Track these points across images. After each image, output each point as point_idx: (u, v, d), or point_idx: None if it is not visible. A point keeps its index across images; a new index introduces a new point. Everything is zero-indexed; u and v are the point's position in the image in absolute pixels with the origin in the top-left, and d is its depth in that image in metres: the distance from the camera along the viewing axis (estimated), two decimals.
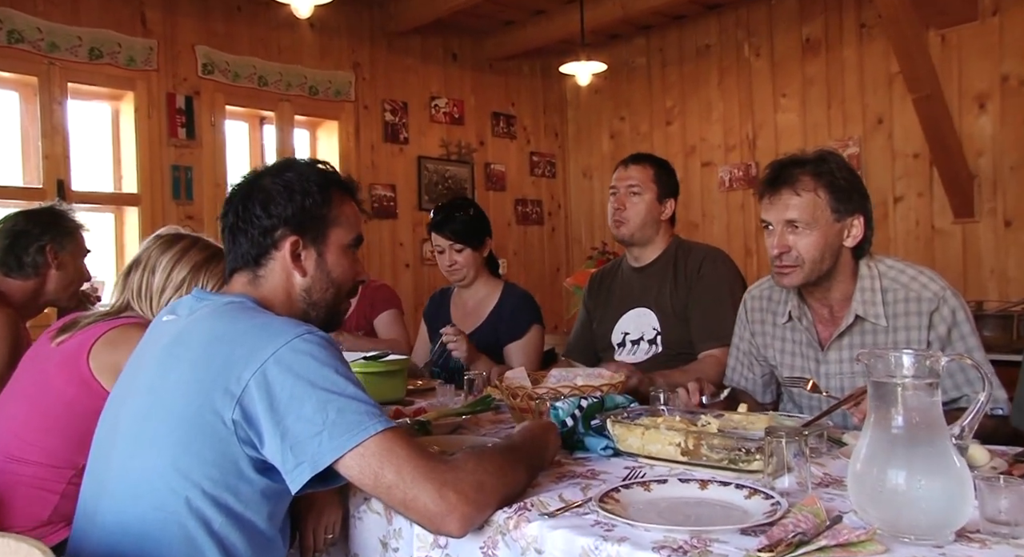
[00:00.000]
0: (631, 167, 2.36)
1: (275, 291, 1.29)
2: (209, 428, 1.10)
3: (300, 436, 1.07)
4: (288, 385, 1.09)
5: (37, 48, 3.95)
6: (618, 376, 1.74)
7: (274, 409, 1.08)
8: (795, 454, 1.14)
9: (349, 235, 1.33)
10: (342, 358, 1.16)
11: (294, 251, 1.28)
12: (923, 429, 0.94)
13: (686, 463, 1.33)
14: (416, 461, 1.08)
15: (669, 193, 2.37)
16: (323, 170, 1.33)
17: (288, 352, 1.11)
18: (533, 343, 2.49)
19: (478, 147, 5.80)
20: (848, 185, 1.69)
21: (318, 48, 4.99)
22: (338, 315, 1.36)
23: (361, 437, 1.07)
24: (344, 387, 1.10)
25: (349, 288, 1.35)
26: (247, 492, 1.13)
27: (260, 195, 1.28)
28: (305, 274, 1.29)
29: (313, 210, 1.28)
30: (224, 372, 1.10)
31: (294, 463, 1.08)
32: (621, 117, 5.94)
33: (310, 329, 1.16)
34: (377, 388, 2.00)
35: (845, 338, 1.74)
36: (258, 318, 1.19)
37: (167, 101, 4.36)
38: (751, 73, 5.25)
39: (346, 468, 1.08)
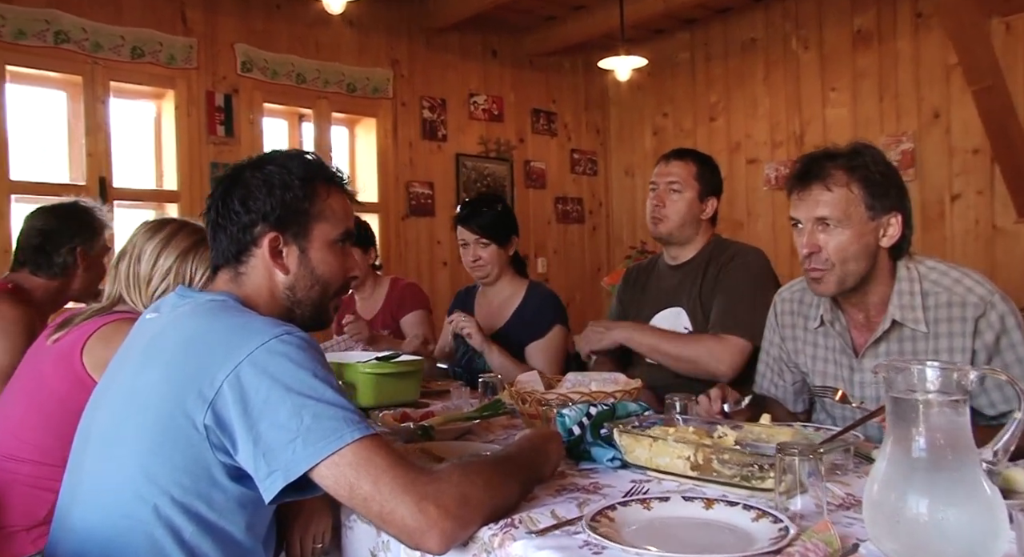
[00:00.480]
0: (672, 163, 2.26)
1: (258, 289, 1.24)
2: (180, 432, 1.05)
3: (273, 443, 1.02)
4: (263, 389, 1.03)
5: (82, 48, 4.01)
6: (633, 382, 1.65)
7: (247, 414, 1.03)
8: (810, 473, 1.04)
9: (335, 230, 1.26)
10: (322, 360, 1.10)
11: (274, 248, 1.23)
12: (948, 452, 0.84)
13: (696, 478, 1.23)
14: (395, 472, 1.02)
15: (711, 191, 2.26)
16: (307, 162, 1.26)
17: (264, 354, 1.05)
18: (554, 344, 2.40)
19: (517, 144, 5.72)
20: (884, 180, 1.56)
21: (356, 45, 4.98)
22: (325, 313, 1.30)
23: (336, 445, 1.01)
24: (321, 392, 1.04)
25: (338, 286, 1.29)
26: (221, 500, 1.08)
27: (239, 190, 1.23)
28: (287, 272, 1.24)
29: (294, 205, 1.22)
30: (197, 374, 1.06)
31: (267, 471, 1.02)
32: (664, 113, 5.80)
33: (289, 330, 1.10)
34: (390, 389, 1.95)
35: (882, 345, 1.62)
36: (236, 318, 1.14)
37: (206, 99, 4.39)
38: (799, 67, 5.07)
39: (321, 477, 1.02)
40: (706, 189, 2.24)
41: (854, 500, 1.15)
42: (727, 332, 2.08)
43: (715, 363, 2.07)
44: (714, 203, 2.26)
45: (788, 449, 1.04)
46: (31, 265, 2.08)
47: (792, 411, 1.86)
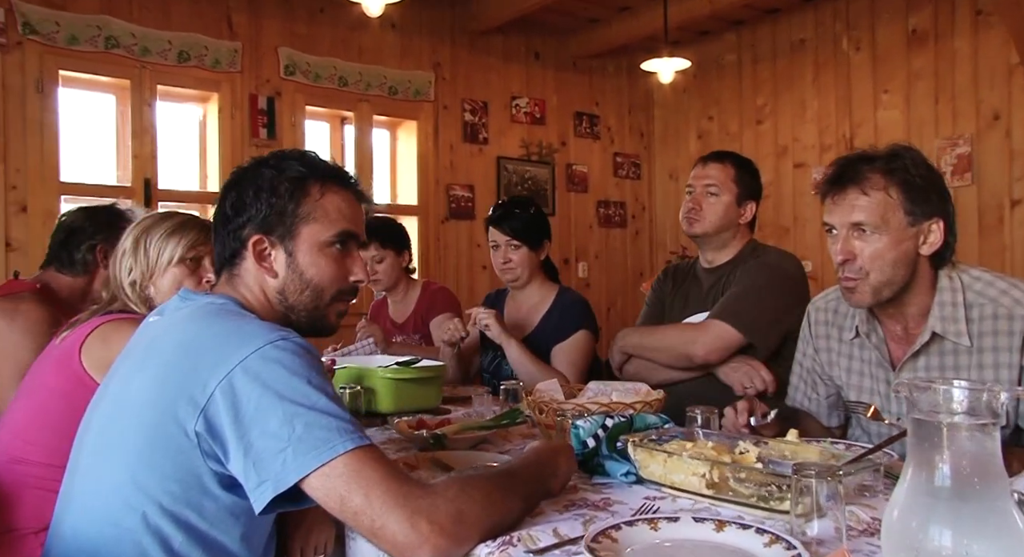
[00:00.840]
0: (710, 165, 2.19)
1: (252, 292, 1.23)
2: (171, 439, 1.03)
3: (264, 452, 0.99)
4: (255, 396, 1.00)
5: (131, 53, 4.10)
6: (655, 394, 1.58)
7: (239, 421, 1.00)
8: (828, 496, 0.97)
9: (327, 231, 1.22)
10: (318, 367, 1.07)
11: (259, 251, 1.21)
12: (976, 480, 0.77)
13: (711, 497, 1.17)
14: (388, 484, 0.98)
15: (750, 195, 2.19)
16: (304, 161, 1.24)
17: (257, 360, 1.02)
18: (579, 348, 2.34)
19: (560, 147, 5.67)
20: (925, 184, 1.47)
21: (399, 48, 4.99)
22: (323, 319, 1.26)
23: (328, 456, 0.98)
24: (315, 400, 1.01)
25: (335, 290, 1.24)
26: (212, 509, 1.05)
27: (233, 192, 1.23)
28: (275, 275, 1.22)
29: (279, 206, 1.20)
30: (190, 380, 1.04)
31: (257, 481, 1.00)
32: (709, 116, 5.68)
33: (285, 335, 1.07)
34: (410, 395, 1.93)
35: (921, 358, 1.53)
36: (231, 322, 1.12)
37: (249, 102, 4.45)
38: (850, 68, 4.91)
39: (311, 489, 0.99)
40: (744, 193, 2.17)
41: (880, 525, 1.07)
42: (715, 318, 2.02)
43: (687, 345, 2.01)
44: (752, 207, 2.18)
45: (805, 470, 0.97)
46: (56, 262, 2.11)
47: (827, 426, 1.78)
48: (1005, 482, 0.78)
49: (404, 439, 1.64)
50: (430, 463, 1.39)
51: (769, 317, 1.99)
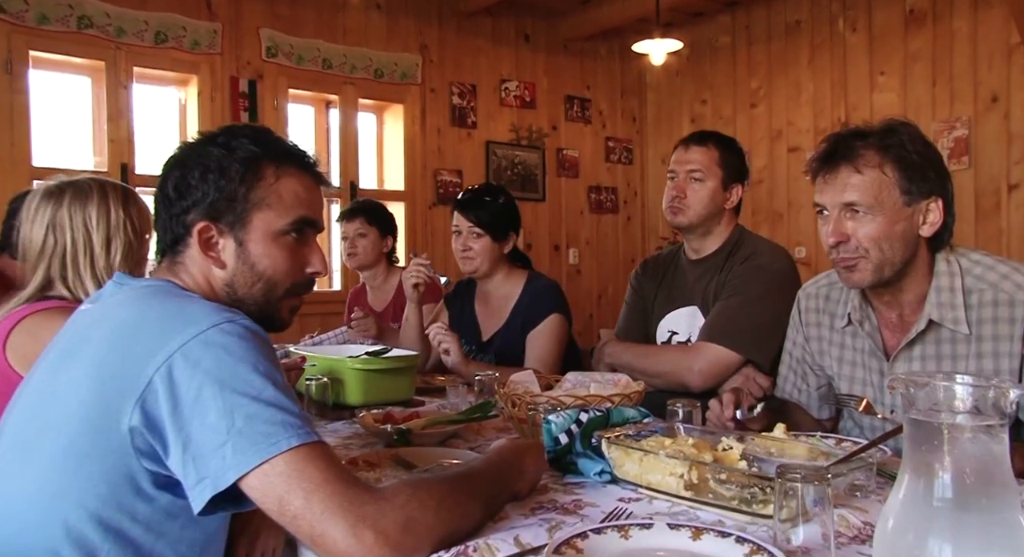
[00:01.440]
0: (692, 149, 2.06)
1: (196, 282, 1.12)
2: (99, 436, 0.93)
3: (203, 447, 0.90)
4: (195, 384, 0.91)
5: (105, 33, 3.97)
6: (635, 385, 1.49)
7: (178, 413, 0.91)
8: (815, 501, 0.88)
9: (283, 219, 1.10)
10: (268, 353, 0.97)
11: (205, 239, 1.09)
12: (980, 488, 0.68)
13: (690, 500, 1.08)
14: (331, 487, 0.89)
15: (736, 178, 2.07)
16: (257, 139, 1.12)
17: (198, 344, 0.93)
18: (551, 333, 2.24)
19: (550, 132, 5.56)
20: (923, 160, 1.38)
21: (385, 30, 4.87)
22: (276, 315, 1.15)
23: (269, 453, 0.89)
24: (260, 389, 0.92)
25: (289, 283, 1.14)
26: (146, 513, 0.96)
27: (176, 172, 1.11)
28: (223, 266, 1.11)
29: (229, 190, 1.08)
30: (125, 368, 0.94)
31: (196, 479, 0.90)
32: (703, 100, 5.57)
33: (232, 317, 0.97)
34: (380, 386, 1.83)
35: (916, 347, 1.44)
36: (171, 303, 1.02)
37: (230, 85, 4.33)
38: (846, 50, 4.80)
39: (249, 488, 0.90)
40: (730, 176, 2.05)
41: (872, 531, 0.98)
42: (710, 340, 1.91)
43: (683, 373, 1.90)
44: (739, 190, 2.07)
45: (789, 472, 0.88)
46: (8, 248, 2.00)
47: (817, 418, 1.69)
48: (1014, 491, 0.69)
49: (370, 434, 1.55)
50: (392, 461, 1.30)
51: (766, 328, 1.86)
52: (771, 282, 1.92)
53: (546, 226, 5.54)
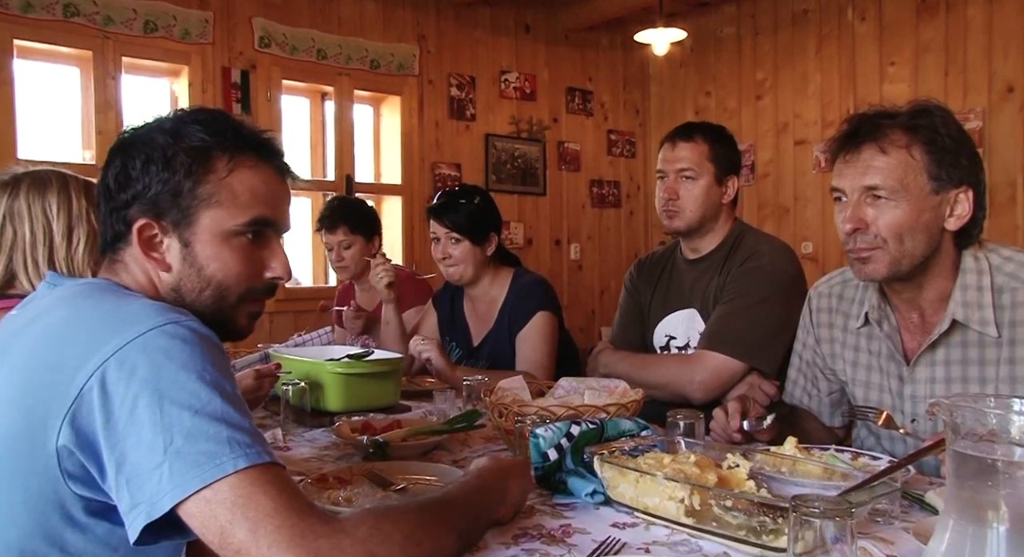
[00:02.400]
0: (680, 146, 1.93)
1: (139, 283, 0.99)
2: (21, 458, 0.82)
3: (138, 468, 0.79)
4: (131, 395, 0.80)
5: (93, 22, 3.86)
6: (632, 393, 1.38)
7: (111, 428, 0.79)
8: (836, 537, 0.76)
9: (235, 218, 0.97)
10: (217, 360, 0.85)
11: (146, 238, 0.97)
12: None
13: (691, 528, 0.96)
14: (281, 518, 0.77)
15: (730, 170, 1.94)
16: (209, 125, 0.99)
17: (136, 349, 0.81)
18: (540, 332, 2.12)
19: (551, 124, 5.43)
20: (956, 146, 1.26)
21: (381, 20, 4.74)
22: (230, 323, 1.02)
23: (211, 476, 0.78)
24: (205, 401, 0.81)
25: (244, 289, 1.01)
26: (79, 545, 0.85)
27: (118, 160, 0.98)
28: (168, 269, 0.98)
29: (173, 183, 0.96)
30: (52, 378, 0.82)
31: (130, 504, 0.79)
32: (707, 92, 5.44)
33: (176, 318, 0.86)
34: (362, 391, 1.72)
35: (939, 350, 1.32)
36: (108, 302, 0.90)
37: (222, 75, 4.21)
38: (854, 40, 4.66)
39: (189, 516, 0.79)
40: (723, 169, 1.92)
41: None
42: (709, 348, 1.80)
43: (684, 385, 1.79)
44: (734, 182, 1.95)
45: (807, 504, 0.76)
46: None
47: (828, 425, 1.57)
48: None
49: (347, 444, 1.44)
50: (365, 477, 1.19)
51: (770, 333, 1.75)
52: (773, 284, 1.80)
53: (547, 221, 5.42)
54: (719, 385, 1.78)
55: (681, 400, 1.79)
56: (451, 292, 2.37)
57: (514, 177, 5.26)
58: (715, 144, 1.92)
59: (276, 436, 1.52)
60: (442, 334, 2.37)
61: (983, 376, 1.28)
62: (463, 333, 2.31)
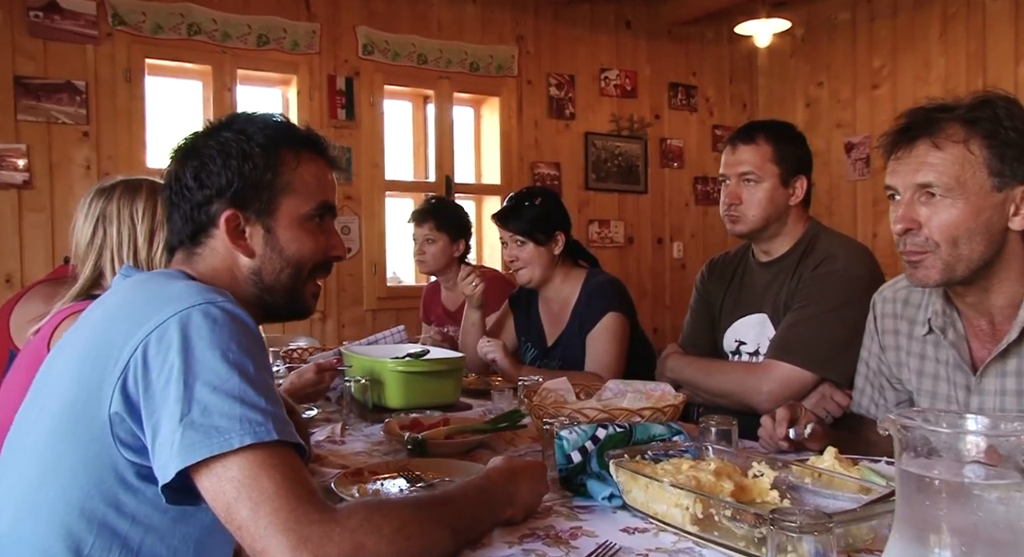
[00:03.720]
0: (740, 148, 1.85)
1: (216, 271, 1.08)
2: (80, 424, 0.91)
3: (162, 434, 0.86)
4: (166, 367, 0.87)
5: (212, 38, 4.14)
6: (671, 397, 1.35)
7: (149, 397, 0.88)
8: (817, 553, 0.73)
9: (308, 204, 1.09)
10: (245, 340, 0.91)
11: (233, 228, 1.07)
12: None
13: (696, 536, 0.94)
14: (280, 502, 0.82)
15: (798, 169, 1.85)
16: (271, 125, 1.10)
17: (173, 325, 0.89)
18: (609, 333, 2.10)
19: (653, 121, 5.35)
20: (1021, 139, 1.16)
21: (480, 23, 4.82)
22: (301, 300, 1.13)
23: (218, 448, 0.83)
24: (226, 378, 0.87)
25: (312, 266, 1.12)
26: (132, 505, 0.92)
27: (193, 161, 1.08)
28: (253, 254, 1.08)
29: (254, 177, 1.06)
30: (105, 353, 0.91)
31: (155, 467, 0.87)
32: (819, 82, 5.19)
33: (212, 299, 0.93)
34: (422, 389, 1.78)
35: (1011, 361, 1.22)
36: (157, 285, 0.99)
37: (328, 83, 4.42)
38: (985, 18, 4.32)
39: (203, 489, 0.85)
40: (789, 170, 1.83)
41: None
42: (778, 358, 1.72)
43: (751, 394, 1.72)
44: (803, 182, 1.85)
45: (785, 518, 0.73)
46: None
47: None
48: None
49: (394, 440, 1.49)
50: (398, 472, 1.23)
51: (843, 342, 1.65)
52: (847, 290, 1.71)
53: (648, 219, 5.34)
54: (788, 396, 1.70)
55: (747, 410, 1.73)
56: (527, 293, 2.39)
57: (614, 175, 5.21)
58: (779, 144, 1.84)
59: (334, 430, 1.60)
60: (519, 335, 2.40)
61: None
62: (538, 333, 2.33)
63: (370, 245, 4.49)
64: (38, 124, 3.71)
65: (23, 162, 3.68)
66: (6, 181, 3.64)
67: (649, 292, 5.33)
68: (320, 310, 4.33)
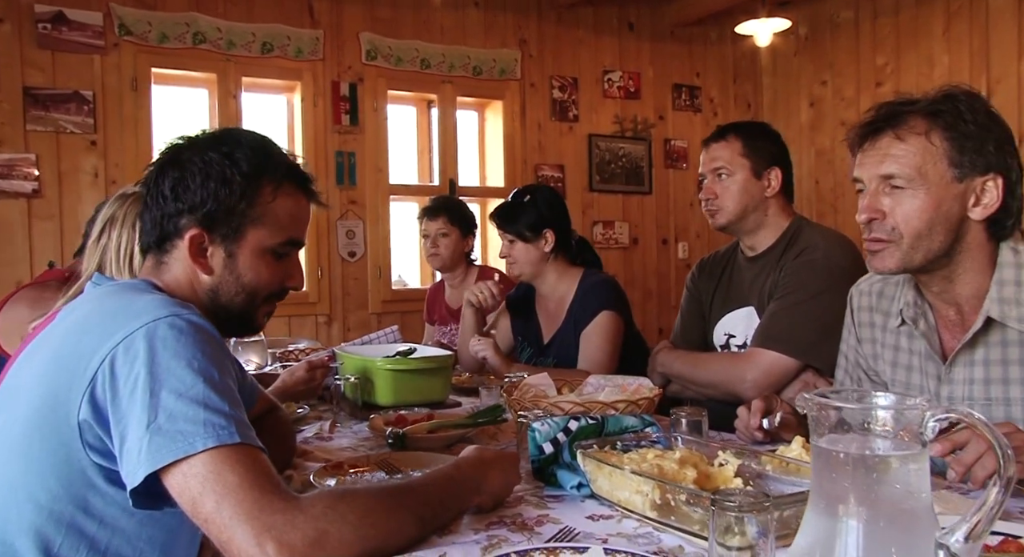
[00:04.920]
0: (712, 146, 1.94)
1: (178, 282, 1.12)
2: (50, 429, 0.95)
3: (130, 441, 0.90)
4: (132, 377, 0.91)
5: (217, 47, 4.21)
6: (646, 390, 1.37)
7: (116, 405, 0.92)
8: (758, 533, 0.75)
9: (274, 238, 1.12)
10: (209, 349, 0.95)
11: (196, 246, 1.10)
12: (892, 527, 0.54)
13: (656, 521, 0.97)
14: (244, 494, 0.85)
15: (770, 162, 1.90)
16: (259, 152, 1.11)
17: (140, 337, 0.93)
18: (602, 331, 2.12)
19: (656, 122, 5.37)
20: (981, 132, 1.18)
21: (483, 27, 4.87)
22: (251, 321, 1.17)
23: (183, 452, 0.87)
24: (190, 386, 0.91)
25: (268, 293, 1.16)
26: (100, 508, 0.96)
27: (174, 172, 1.11)
28: (210, 273, 1.12)
29: (229, 203, 1.09)
30: (74, 362, 0.95)
31: (123, 473, 0.91)
32: (823, 81, 5.19)
33: (178, 312, 0.97)
34: (411, 387, 1.81)
35: (978, 350, 1.24)
36: (125, 298, 1.03)
37: (331, 89, 4.47)
38: (988, 14, 4.31)
39: (170, 487, 0.89)
40: (760, 162, 1.89)
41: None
42: (761, 346, 1.75)
43: (735, 383, 1.76)
44: (778, 174, 1.89)
45: (726, 498, 0.75)
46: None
47: None
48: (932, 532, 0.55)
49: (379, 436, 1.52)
50: (378, 466, 1.26)
51: (825, 329, 1.68)
52: (828, 278, 1.73)
53: (653, 219, 5.36)
54: (771, 383, 1.73)
55: (734, 399, 1.75)
56: (524, 292, 2.42)
57: (619, 176, 5.24)
58: (749, 139, 1.91)
59: (323, 426, 1.63)
60: (516, 334, 2.43)
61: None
62: (535, 332, 2.36)
63: (375, 249, 4.54)
64: (47, 134, 3.78)
65: (32, 171, 3.75)
66: (16, 190, 3.71)
67: (654, 293, 5.34)
68: (326, 313, 4.39)
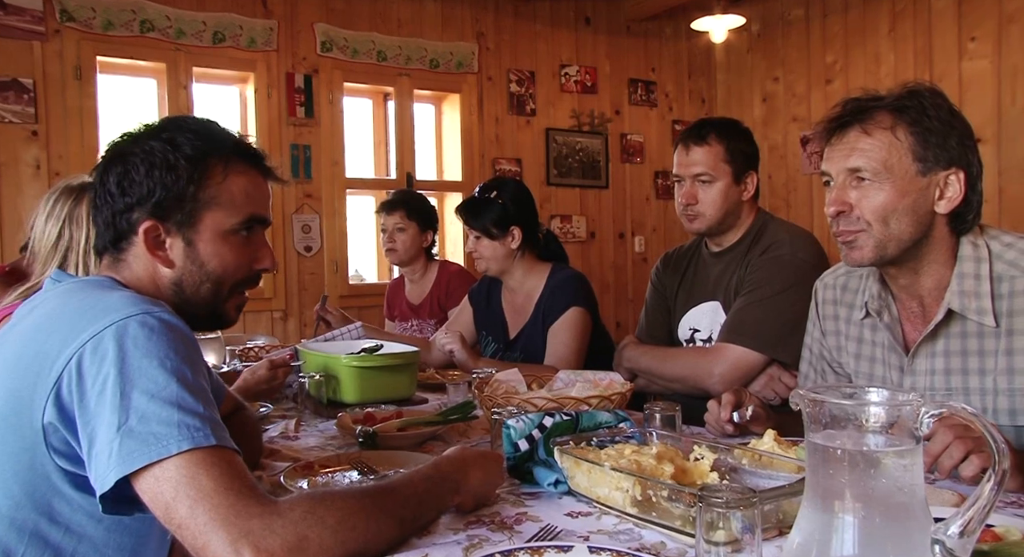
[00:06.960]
0: (693, 149, 1.90)
1: (139, 279, 1.08)
2: (12, 433, 0.91)
3: (99, 443, 0.86)
4: (101, 377, 0.88)
5: (166, 35, 4.09)
6: (619, 386, 1.38)
7: (84, 407, 0.88)
8: (744, 528, 0.76)
9: (233, 218, 1.08)
10: (182, 348, 0.92)
11: (152, 238, 1.06)
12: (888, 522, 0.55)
13: (636, 517, 0.97)
14: (219, 498, 0.83)
15: (748, 166, 1.91)
16: (202, 134, 1.08)
17: (109, 336, 0.89)
18: (570, 327, 2.12)
19: (613, 117, 5.40)
20: (944, 128, 1.22)
21: (440, 19, 4.82)
22: (222, 313, 1.13)
23: (156, 455, 0.84)
24: (162, 386, 0.87)
25: (237, 280, 1.12)
26: (66, 515, 0.93)
27: (118, 167, 1.07)
28: (172, 266, 1.08)
29: (177, 189, 1.05)
30: (38, 362, 0.91)
31: (93, 477, 0.87)
32: (775, 78, 5.28)
33: (148, 309, 0.93)
34: (377, 384, 1.78)
35: (940, 341, 1.27)
36: (93, 295, 0.98)
37: (286, 80, 4.38)
38: (930, 15, 4.43)
39: (141, 492, 0.86)
40: (741, 168, 1.89)
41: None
42: (729, 341, 1.78)
43: (703, 378, 1.77)
44: (753, 178, 1.91)
45: (712, 494, 0.76)
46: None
47: None
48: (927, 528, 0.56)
49: (347, 435, 1.50)
50: (351, 465, 1.24)
51: (790, 324, 1.70)
52: (794, 274, 1.76)
53: (610, 214, 5.39)
54: (739, 377, 1.76)
55: (701, 393, 1.77)
56: (487, 286, 2.41)
57: (576, 171, 5.25)
58: (730, 142, 1.89)
59: (288, 425, 1.60)
60: (478, 328, 2.41)
61: (983, 367, 1.22)
62: (500, 326, 2.35)
63: (331, 243, 4.47)
64: None
65: None
66: None
67: (611, 286, 5.38)
68: (281, 309, 4.31)
